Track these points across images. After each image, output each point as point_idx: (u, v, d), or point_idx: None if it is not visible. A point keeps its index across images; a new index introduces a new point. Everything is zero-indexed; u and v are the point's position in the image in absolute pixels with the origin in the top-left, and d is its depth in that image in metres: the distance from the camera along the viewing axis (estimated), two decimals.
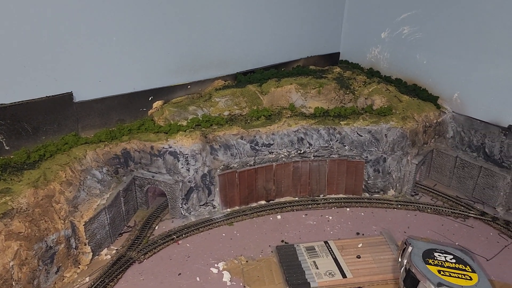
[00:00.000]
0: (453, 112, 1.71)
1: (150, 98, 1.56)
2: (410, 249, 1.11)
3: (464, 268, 1.07)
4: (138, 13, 1.44)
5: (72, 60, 1.35)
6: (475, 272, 1.06)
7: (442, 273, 1.03)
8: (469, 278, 1.03)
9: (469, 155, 1.68)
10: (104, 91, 1.45)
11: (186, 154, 1.43)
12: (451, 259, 1.09)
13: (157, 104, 1.58)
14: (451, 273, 1.04)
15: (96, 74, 1.42)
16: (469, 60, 1.61)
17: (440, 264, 1.07)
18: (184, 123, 1.50)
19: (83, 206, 1.27)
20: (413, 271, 1.05)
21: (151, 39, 1.50)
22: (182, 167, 1.44)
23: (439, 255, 1.10)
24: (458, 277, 1.03)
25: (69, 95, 1.37)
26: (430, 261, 1.07)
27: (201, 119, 1.53)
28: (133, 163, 1.47)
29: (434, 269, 1.04)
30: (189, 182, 1.46)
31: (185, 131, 1.45)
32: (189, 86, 1.65)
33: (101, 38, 1.39)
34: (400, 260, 1.16)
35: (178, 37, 1.57)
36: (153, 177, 1.46)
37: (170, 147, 1.42)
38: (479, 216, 1.55)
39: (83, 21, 1.34)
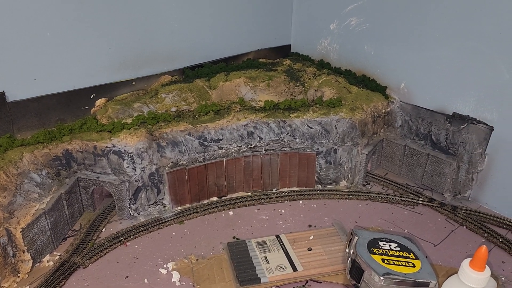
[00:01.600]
0: (400, 101, 1.74)
1: (92, 96, 1.50)
2: (356, 239, 1.12)
3: (408, 255, 1.08)
4: (74, 5, 1.37)
5: (2, 57, 1.27)
6: (418, 259, 1.07)
7: (386, 261, 1.04)
8: (412, 265, 1.04)
9: (417, 144, 1.71)
10: (41, 90, 1.38)
11: (131, 152, 1.38)
12: (395, 247, 1.10)
13: (100, 102, 1.52)
14: (394, 261, 1.05)
15: (31, 72, 1.34)
16: (413, 50, 1.64)
17: (384, 252, 1.07)
18: (129, 120, 1.45)
19: (20, 212, 1.20)
20: (358, 261, 1.05)
21: (90, 33, 1.44)
22: (128, 166, 1.39)
23: (384, 244, 1.11)
24: (402, 265, 1.04)
25: (1, 94, 1.29)
26: (375, 250, 1.08)
27: (146, 116, 1.48)
28: (76, 164, 1.40)
29: (378, 258, 1.05)
30: (136, 181, 1.42)
31: (129, 129, 1.41)
32: (133, 83, 1.60)
33: (33, 33, 1.31)
34: (347, 250, 1.17)
35: (119, 31, 1.51)
36: (98, 177, 1.41)
37: (114, 146, 1.37)
38: (427, 203, 1.58)
39: (12, 15, 1.26)
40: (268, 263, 1.26)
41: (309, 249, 1.32)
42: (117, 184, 1.39)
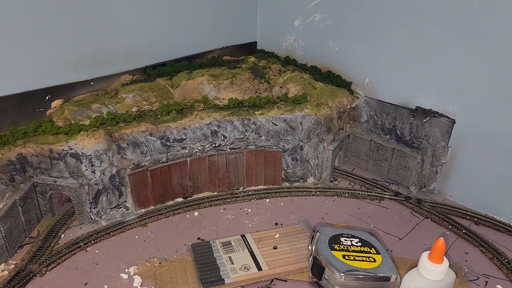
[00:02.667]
0: (365, 96, 1.74)
1: (47, 97, 1.45)
2: (317, 236, 1.11)
3: (369, 250, 1.08)
4: (24, 2, 1.31)
5: None
6: (379, 254, 1.07)
7: (346, 257, 1.03)
8: (373, 260, 1.04)
9: (382, 138, 1.71)
10: None
11: (90, 155, 1.34)
12: (357, 242, 1.10)
13: (56, 103, 1.47)
14: (355, 257, 1.04)
15: None
16: (377, 45, 1.64)
17: (345, 248, 1.07)
18: (87, 122, 1.41)
19: None
20: (319, 258, 1.04)
21: (42, 31, 1.38)
22: (87, 169, 1.35)
23: (345, 240, 1.10)
24: (362, 260, 1.03)
25: None
26: (336, 246, 1.07)
27: (106, 117, 1.44)
28: (32, 169, 1.35)
29: (339, 255, 1.04)
30: (96, 184, 1.37)
31: (87, 130, 1.36)
32: (92, 83, 1.55)
33: None
34: (309, 248, 1.15)
35: (74, 29, 1.45)
36: (55, 182, 1.36)
37: (71, 149, 1.33)
38: (393, 197, 1.59)
39: None
40: (232, 263, 1.23)
41: (275, 248, 1.30)
42: (76, 188, 1.35)
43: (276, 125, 1.57)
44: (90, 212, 1.40)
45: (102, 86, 1.58)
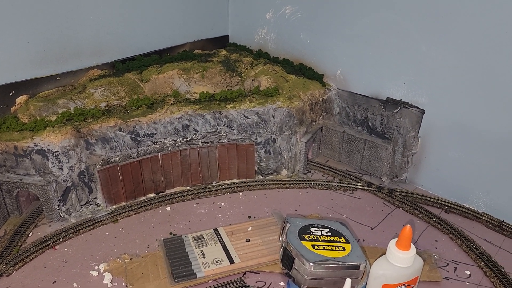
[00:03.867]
0: (337, 88, 1.75)
1: (11, 93, 1.41)
2: (287, 226, 1.11)
3: (339, 240, 1.08)
4: None
5: None
6: (349, 243, 1.07)
7: (316, 247, 1.03)
8: (342, 249, 1.04)
9: (354, 130, 1.73)
10: None
11: (56, 151, 1.31)
12: (326, 232, 1.10)
13: (21, 99, 1.43)
14: (325, 247, 1.04)
15: None
16: (346, 37, 1.65)
17: (315, 238, 1.07)
18: (53, 118, 1.38)
19: None
20: (288, 248, 1.04)
21: (4, 25, 1.34)
22: (54, 166, 1.32)
23: (315, 230, 1.10)
24: (332, 250, 1.04)
25: None
26: (306, 237, 1.07)
27: (73, 112, 1.41)
28: None
29: (308, 245, 1.04)
30: (64, 181, 1.34)
31: (53, 126, 1.33)
32: (58, 78, 1.51)
33: None
34: (280, 239, 1.15)
35: (38, 23, 1.41)
36: (21, 179, 1.32)
37: (37, 146, 1.29)
38: (366, 188, 1.60)
39: None
40: (204, 257, 1.23)
41: (247, 240, 1.30)
42: (43, 185, 1.32)
43: (248, 118, 1.56)
44: (59, 209, 1.37)
45: (69, 81, 1.55)
